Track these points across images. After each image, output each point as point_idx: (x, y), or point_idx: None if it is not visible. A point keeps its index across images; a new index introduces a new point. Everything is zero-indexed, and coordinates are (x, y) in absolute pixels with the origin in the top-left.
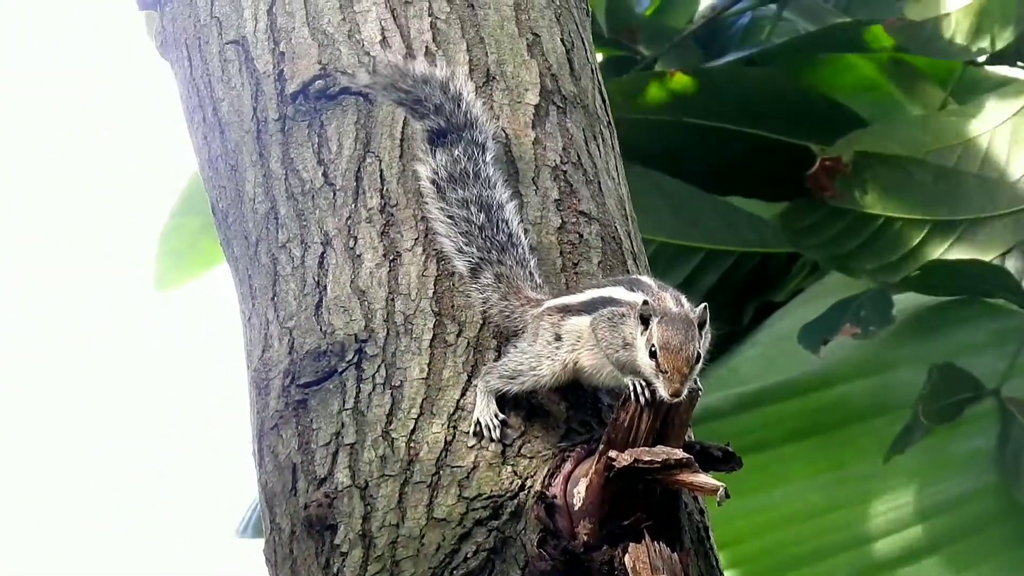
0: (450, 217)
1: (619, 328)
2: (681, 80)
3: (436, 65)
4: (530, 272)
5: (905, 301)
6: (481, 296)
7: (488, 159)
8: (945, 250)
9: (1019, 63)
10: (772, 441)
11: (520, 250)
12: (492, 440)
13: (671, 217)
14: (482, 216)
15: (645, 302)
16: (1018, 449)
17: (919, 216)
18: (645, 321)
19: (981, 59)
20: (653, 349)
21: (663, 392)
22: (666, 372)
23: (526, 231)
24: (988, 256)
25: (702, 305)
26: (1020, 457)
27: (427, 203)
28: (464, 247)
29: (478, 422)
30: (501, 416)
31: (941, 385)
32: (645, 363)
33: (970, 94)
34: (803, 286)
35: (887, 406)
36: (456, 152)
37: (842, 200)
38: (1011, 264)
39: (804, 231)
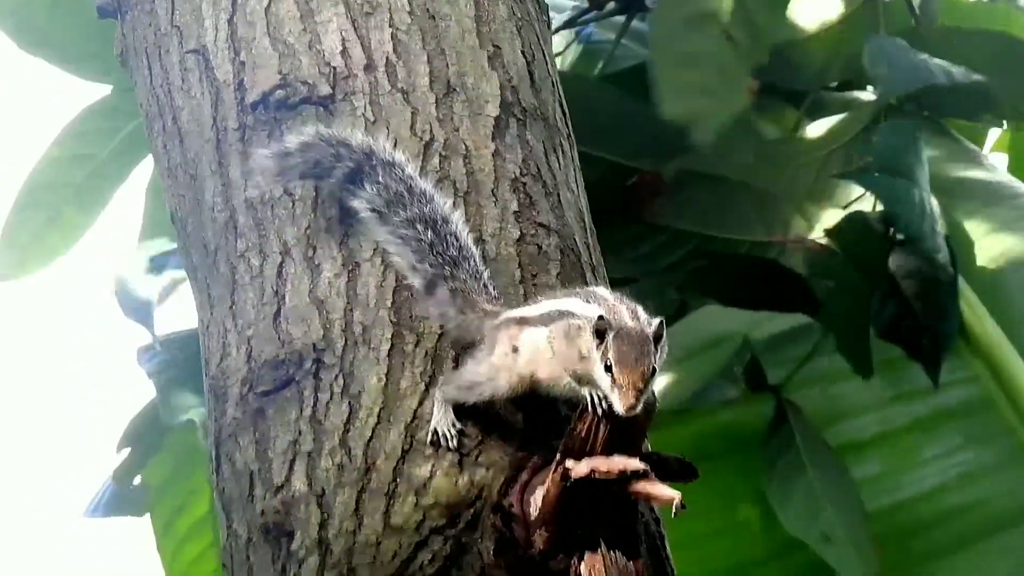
0: (400, 238)
1: (575, 341)
2: None
3: (304, 133)
4: (484, 285)
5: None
6: (438, 311)
7: (409, 173)
8: None
9: (869, 87)
10: None
11: (472, 263)
12: (449, 449)
13: None
14: (430, 233)
15: (601, 317)
16: (780, 448)
17: (735, 237)
18: (601, 335)
19: (834, 84)
20: (609, 363)
21: (618, 406)
22: (622, 387)
23: (477, 242)
24: None
25: (658, 319)
26: (780, 455)
27: (374, 231)
28: (417, 264)
29: (435, 431)
30: (458, 426)
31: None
32: (601, 377)
33: (822, 115)
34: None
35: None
36: (380, 179)
37: (659, 217)
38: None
39: (621, 245)
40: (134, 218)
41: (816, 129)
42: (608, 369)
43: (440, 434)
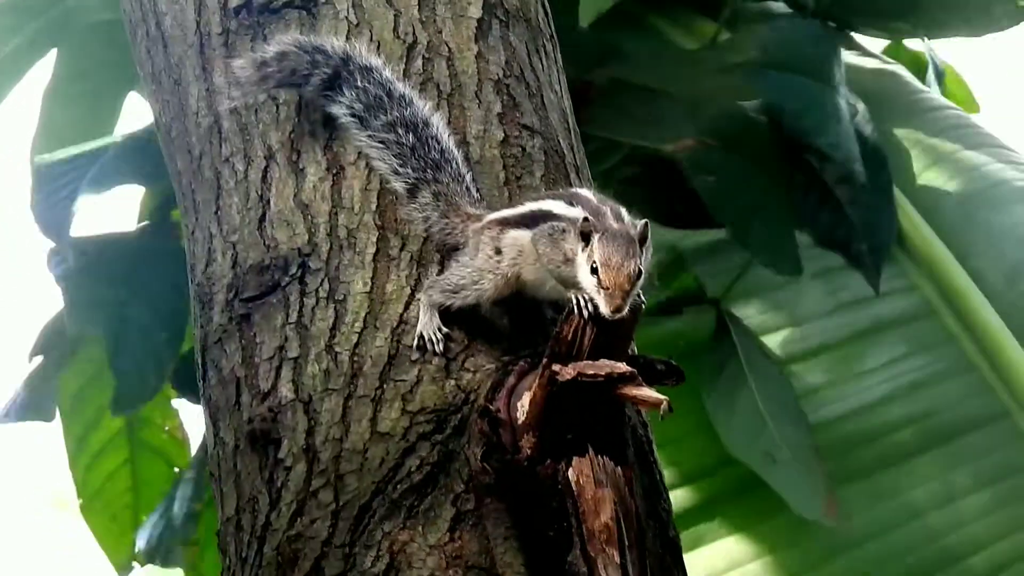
0: (381, 142)
1: (559, 244)
2: None
3: (280, 41)
4: (467, 187)
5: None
6: (421, 215)
7: (388, 76)
8: None
9: None
10: None
11: (454, 165)
12: (435, 354)
13: None
14: (411, 136)
15: (586, 219)
16: (722, 361)
17: (664, 147)
18: (586, 238)
19: None
20: (594, 266)
21: (604, 309)
22: (608, 289)
23: (460, 144)
24: None
25: (643, 221)
26: (721, 369)
27: (355, 136)
28: (399, 168)
29: (421, 336)
30: (444, 330)
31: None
32: (587, 280)
33: (741, 25)
34: None
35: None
36: (358, 84)
37: (588, 126)
38: None
39: None
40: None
41: (736, 39)
42: (594, 272)
43: (426, 338)
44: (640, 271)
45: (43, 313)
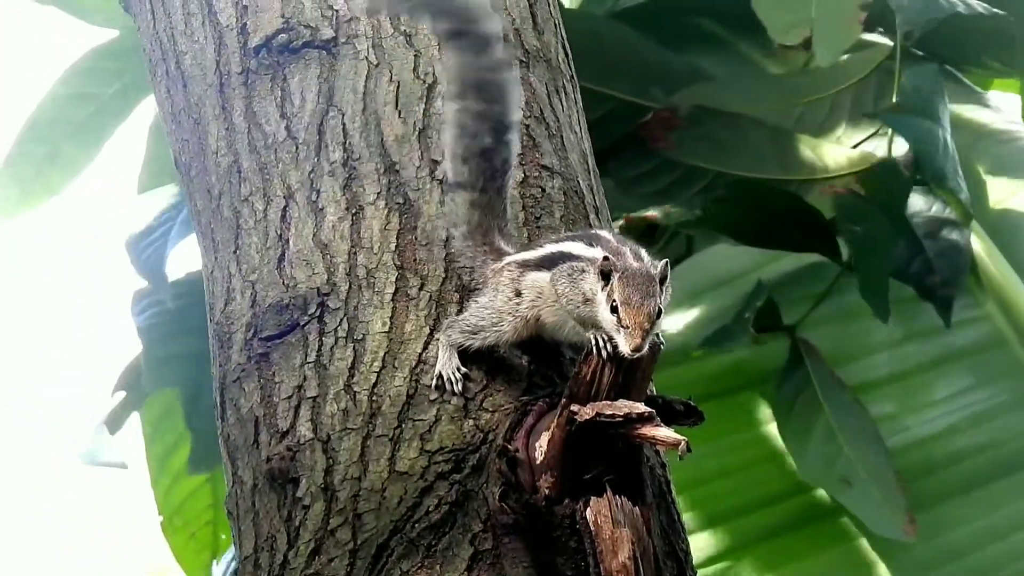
0: (460, 125)
1: (578, 283)
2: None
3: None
4: (504, 208)
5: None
6: (451, 217)
7: (516, 77)
8: None
9: (879, 29)
10: None
11: (503, 182)
12: (454, 394)
13: None
14: (490, 138)
15: (606, 258)
16: (797, 390)
17: (749, 173)
18: (606, 277)
19: None
20: (614, 304)
21: (624, 348)
22: (627, 327)
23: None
24: None
25: (663, 261)
26: (796, 397)
27: (447, 98)
28: (461, 155)
29: (440, 376)
30: (463, 370)
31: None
32: (606, 318)
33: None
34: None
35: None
36: (489, 54)
37: (674, 152)
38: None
39: (634, 181)
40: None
41: (826, 68)
42: (614, 311)
43: (445, 378)
44: (660, 310)
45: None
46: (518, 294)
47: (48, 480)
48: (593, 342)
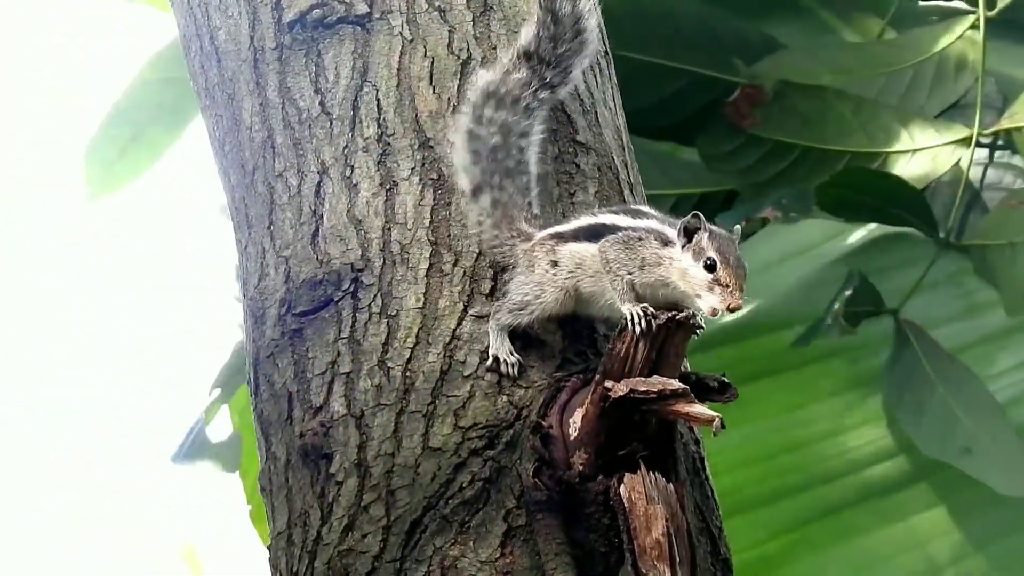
0: (468, 131)
1: (636, 249)
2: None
3: (589, 14)
4: (529, 202)
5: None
6: (476, 218)
7: (544, 96)
8: None
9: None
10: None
11: (526, 178)
12: (508, 377)
13: None
14: (497, 138)
15: (695, 214)
16: (907, 371)
17: (837, 147)
18: (690, 235)
19: None
20: (711, 262)
21: (721, 305)
22: (727, 285)
23: (540, 163)
24: None
25: (736, 226)
26: (909, 379)
27: (460, 110)
28: (471, 164)
29: (496, 358)
30: (516, 356)
31: (855, 292)
32: (696, 276)
33: (909, 24)
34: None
35: (842, 347)
36: (523, 76)
37: (761, 128)
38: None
39: (722, 158)
40: None
41: (908, 36)
42: (710, 268)
43: (501, 360)
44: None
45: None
46: (555, 264)
47: (49, 480)
48: (629, 316)
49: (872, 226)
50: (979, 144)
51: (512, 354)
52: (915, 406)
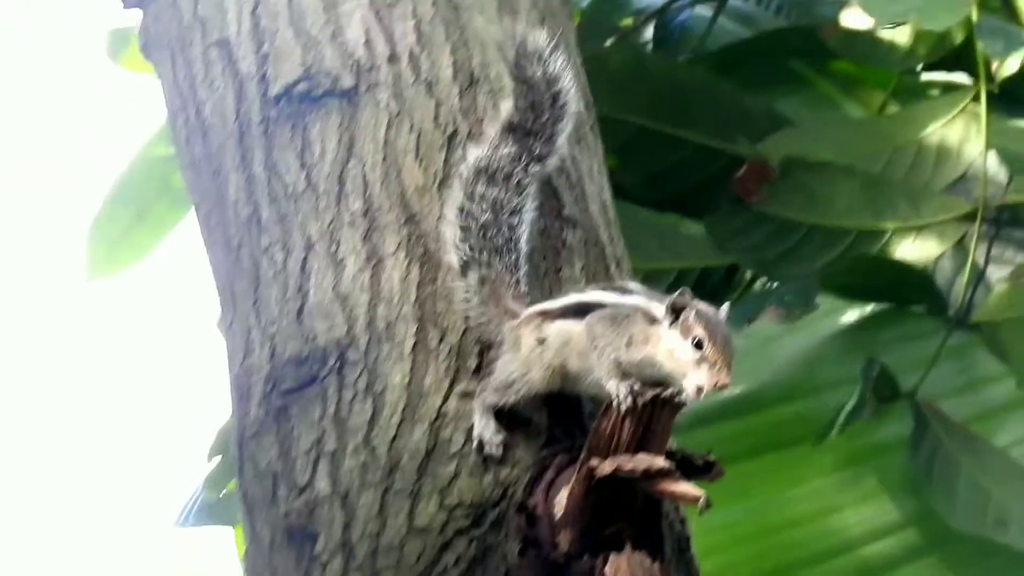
0: (460, 208)
1: (624, 327)
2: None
3: (564, 73)
4: (517, 280)
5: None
6: (463, 295)
7: (535, 170)
8: None
9: (959, 70)
10: (731, 457)
11: (514, 256)
12: (494, 459)
13: None
14: (488, 215)
15: (682, 292)
16: (931, 453)
17: (844, 224)
18: (677, 312)
19: (919, 66)
20: (698, 340)
21: (709, 383)
22: (714, 363)
23: (529, 240)
24: None
25: (725, 304)
26: (932, 460)
27: (451, 185)
28: (459, 241)
29: (480, 439)
30: (502, 434)
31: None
32: (682, 355)
33: (910, 97)
34: (743, 297)
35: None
36: (511, 151)
37: (768, 205)
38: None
39: (729, 236)
40: None
41: (911, 111)
42: (697, 345)
43: (485, 442)
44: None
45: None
46: (542, 342)
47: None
48: (615, 394)
49: None
50: (984, 219)
51: (497, 434)
52: (944, 487)
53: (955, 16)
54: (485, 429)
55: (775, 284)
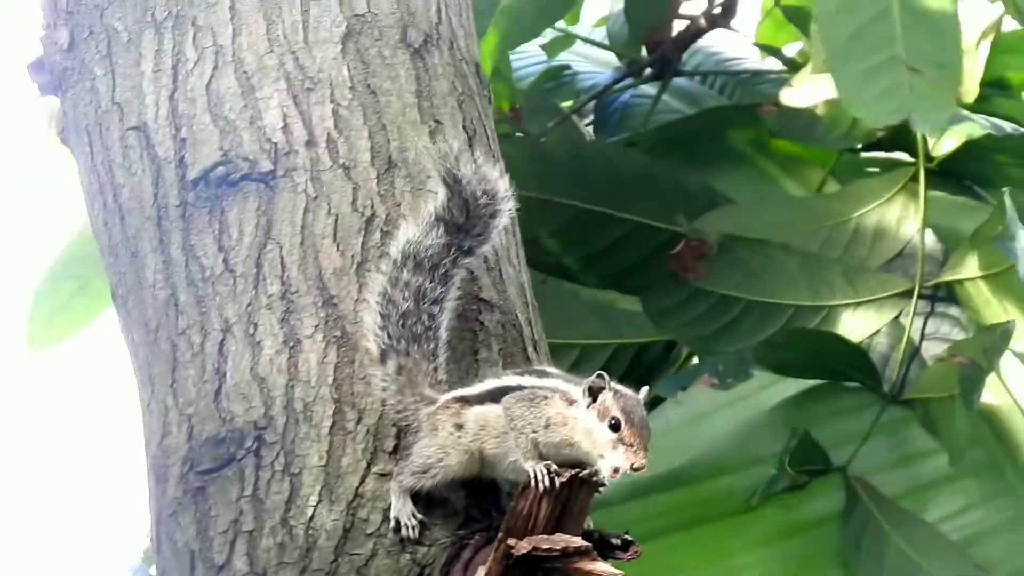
0: (381, 293)
1: (541, 408)
2: (556, 146)
3: (498, 181)
4: (434, 368)
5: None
6: (380, 383)
7: (463, 262)
8: None
9: (896, 151)
10: (663, 530)
11: (432, 344)
12: (411, 540)
13: (545, 316)
14: (410, 303)
15: (600, 374)
16: (861, 526)
17: (782, 300)
18: (594, 394)
19: (859, 145)
20: (615, 422)
21: (625, 464)
22: (631, 445)
23: (449, 332)
24: None
25: (644, 388)
26: (862, 534)
27: (376, 268)
28: (378, 329)
29: (397, 520)
30: (419, 516)
31: (801, 449)
32: (600, 436)
33: (849, 175)
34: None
35: (774, 495)
36: (441, 243)
37: (705, 281)
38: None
39: (666, 312)
40: None
41: (849, 189)
42: (614, 427)
43: (402, 523)
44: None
45: None
46: (459, 427)
47: None
48: (532, 475)
49: None
50: (921, 296)
51: (413, 516)
52: (873, 560)
53: (947, 114)
54: (402, 510)
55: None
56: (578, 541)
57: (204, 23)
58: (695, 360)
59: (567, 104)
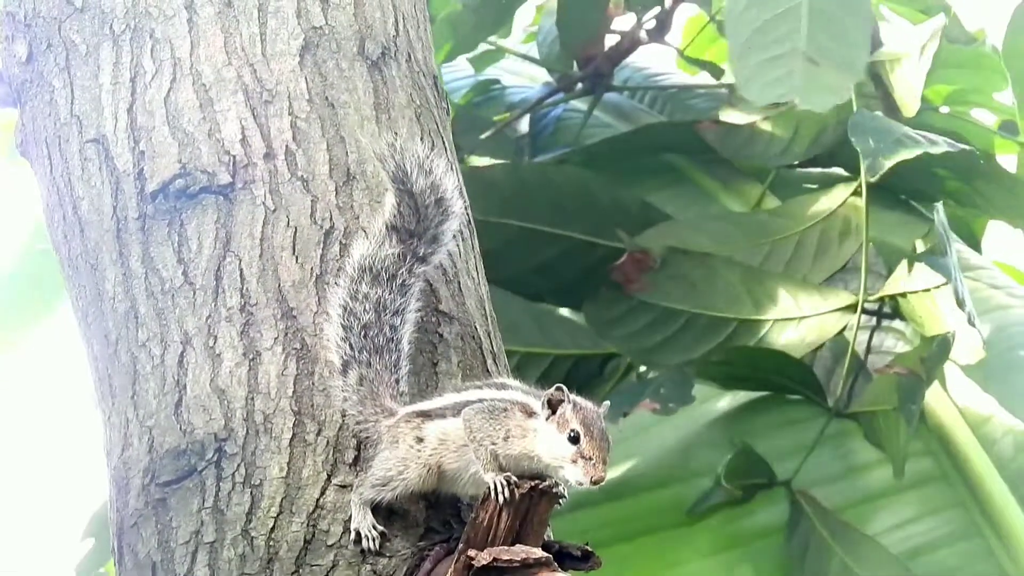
0: (342, 306)
1: (501, 421)
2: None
3: (445, 176)
4: (396, 380)
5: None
6: (341, 394)
7: (420, 270)
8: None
9: (835, 166)
10: (607, 541)
11: (395, 356)
12: (372, 552)
13: None
14: (371, 315)
15: (559, 387)
16: (804, 538)
17: (725, 314)
18: (554, 407)
19: (796, 162)
20: (574, 434)
21: (585, 478)
22: (590, 458)
23: (410, 343)
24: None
25: (605, 402)
26: (806, 546)
27: (336, 282)
28: (340, 340)
29: (357, 532)
30: (379, 528)
31: (742, 463)
32: (560, 449)
33: (787, 191)
34: (619, 387)
35: (719, 506)
36: (396, 252)
37: (648, 294)
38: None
39: (609, 323)
40: None
41: (791, 205)
42: (574, 440)
43: (363, 535)
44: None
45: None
46: (420, 440)
47: None
48: (492, 486)
49: None
50: (864, 310)
51: (374, 528)
52: (816, 572)
53: (835, 98)
54: (361, 523)
55: (650, 374)
56: (538, 552)
57: (162, 36)
58: (633, 376)
59: (499, 118)
